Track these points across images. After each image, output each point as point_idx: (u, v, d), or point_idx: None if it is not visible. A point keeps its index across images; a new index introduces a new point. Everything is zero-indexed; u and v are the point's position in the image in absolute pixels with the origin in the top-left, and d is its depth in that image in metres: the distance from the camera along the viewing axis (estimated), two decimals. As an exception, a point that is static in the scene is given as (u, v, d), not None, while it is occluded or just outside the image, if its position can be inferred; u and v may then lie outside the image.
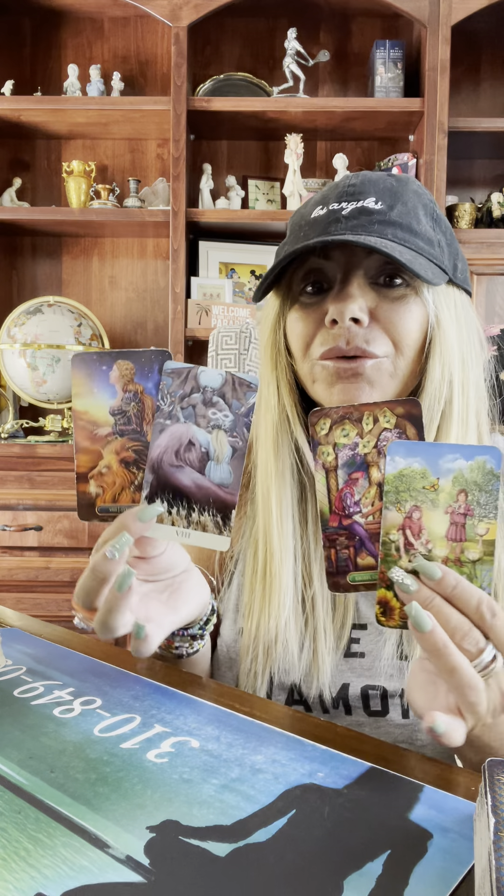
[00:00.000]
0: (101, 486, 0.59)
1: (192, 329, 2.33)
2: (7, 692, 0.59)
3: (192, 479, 0.57)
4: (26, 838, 0.40)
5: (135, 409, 0.58)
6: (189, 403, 0.57)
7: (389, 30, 2.53)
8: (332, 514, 0.55)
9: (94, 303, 2.62)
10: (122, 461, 0.59)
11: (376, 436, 0.55)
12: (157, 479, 0.57)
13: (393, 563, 0.52)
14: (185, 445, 0.57)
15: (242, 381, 0.57)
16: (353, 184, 0.71)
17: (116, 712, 0.56)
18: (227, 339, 1.16)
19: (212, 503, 0.57)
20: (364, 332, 0.68)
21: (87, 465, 0.58)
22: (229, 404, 0.57)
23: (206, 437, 0.57)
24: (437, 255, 0.69)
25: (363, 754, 0.50)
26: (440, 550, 0.52)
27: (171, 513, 0.57)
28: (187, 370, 0.57)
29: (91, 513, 0.59)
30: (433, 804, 0.45)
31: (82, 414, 0.58)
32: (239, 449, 0.57)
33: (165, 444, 0.57)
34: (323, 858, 0.39)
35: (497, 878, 0.32)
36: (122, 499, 0.59)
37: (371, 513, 0.55)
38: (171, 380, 0.57)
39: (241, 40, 2.56)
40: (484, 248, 2.32)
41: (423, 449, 0.52)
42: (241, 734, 0.53)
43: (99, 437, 0.58)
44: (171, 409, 0.57)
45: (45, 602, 2.08)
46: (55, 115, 2.38)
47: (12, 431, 2.33)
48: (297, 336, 0.72)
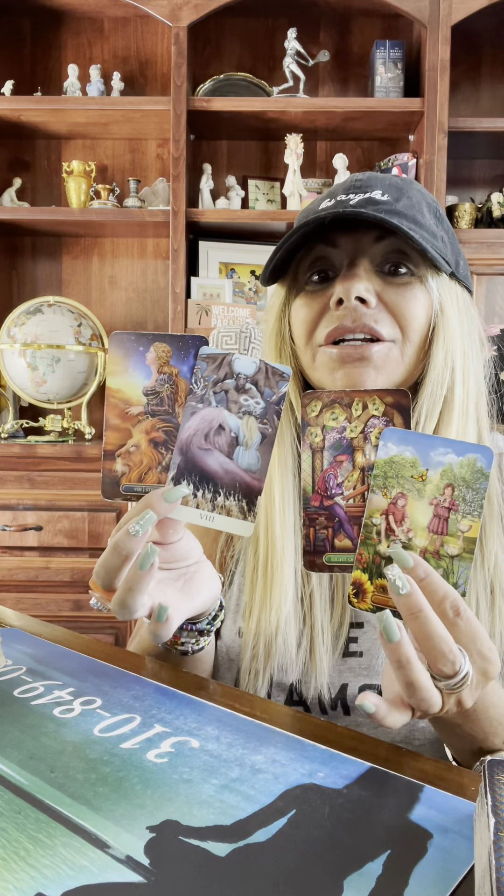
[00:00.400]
0: (128, 464, 0.59)
1: (192, 329, 2.33)
2: (7, 692, 0.59)
3: (220, 462, 0.57)
4: (26, 838, 0.40)
5: (168, 391, 0.58)
6: (222, 388, 0.58)
7: (389, 30, 2.53)
8: (314, 493, 0.56)
9: (94, 303, 2.62)
10: (152, 441, 0.59)
11: (364, 421, 0.56)
12: (185, 461, 0.58)
13: (372, 547, 0.53)
14: (216, 429, 0.58)
15: (275, 371, 0.58)
16: (359, 178, 0.72)
17: (116, 712, 0.56)
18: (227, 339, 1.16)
19: (238, 488, 0.57)
20: (371, 312, 0.68)
21: (116, 443, 0.58)
22: (261, 391, 0.58)
23: (236, 422, 0.58)
24: (441, 248, 0.70)
25: (363, 754, 0.50)
26: (420, 540, 0.52)
27: (197, 495, 0.57)
28: (222, 356, 0.58)
29: (115, 491, 0.59)
30: (433, 804, 0.45)
31: (115, 392, 0.58)
32: (268, 436, 0.58)
33: (196, 427, 0.58)
34: (323, 858, 0.39)
35: (497, 878, 0.32)
36: (148, 479, 0.59)
37: (352, 496, 0.55)
38: (205, 364, 0.58)
39: (241, 40, 2.56)
40: (484, 248, 2.32)
41: (416, 439, 0.53)
42: (241, 734, 0.53)
43: (130, 415, 0.58)
44: (203, 393, 0.58)
45: (45, 602, 2.08)
46: (55, 115, 2.38)
47: (12, 431, 2.33)
48: (300, 321, 0.72)
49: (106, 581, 0.56)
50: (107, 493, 0.59)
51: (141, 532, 0.54)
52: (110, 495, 0.59)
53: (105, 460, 0.58)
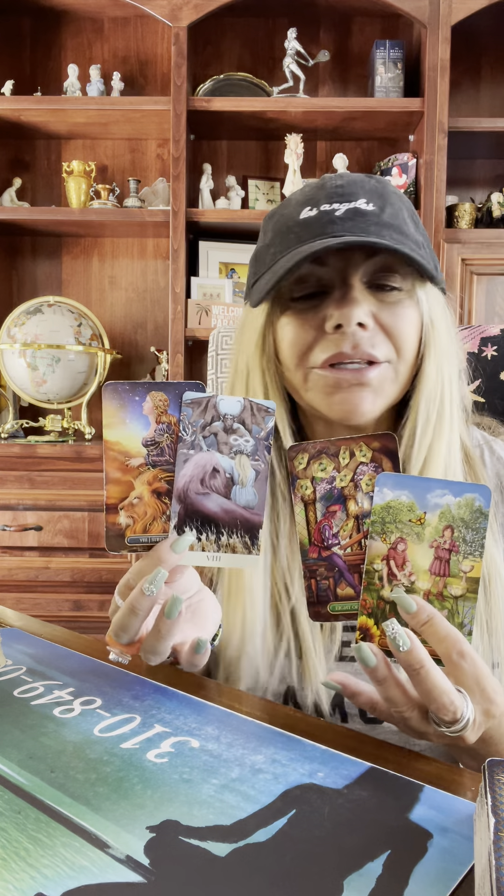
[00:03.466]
0: (132, 516, 0.59)
1: (192, 329, 2.33)
2: (7, 692, 0.59)
3: (219, 504, 0.59)
4: (26, 838, 0.40)
5: (168, 441, 0.59)
6: (210, 432, 0.58)
7: (389, 30, 2.53)
8: (311, 545, 0.57)
9: (94, 303, 2.62)
10: (155, 492, 0.59)
11: (353, 469, 0.56)
12: (185, 508, 0.58)
13: (376, 592, 0.53)
14: (210, 472, 0.58)
15: (260, 407, 0.59)
16: (340, 185, 0.70)
17: (116, 712, 0.56)
18: (227, 340, 1.16)
19: (239, 525, 0.59)
20: (369, 335, 0.67)
21: (118, 497, 0.58)
22: (249, 429, 0.59)
23: (229, 462, 0.59)
24: (427, 256, 0.70)
25: (363, 754, 0.50)
26: (423, 583, 0.53)
27: (201, 539, 0.59)
28: (206, 399, 0.58)
29: (121, 544, 0.59)
30: (433, 804, 0.45)
31: (114, 444, 0.58)
32: (261, 471, 0.59)
33: (191, 474, 0.58)
34: (323, 858, 0.39)
35: (497, 878, 0.32)
36: (153, 529, 0.59)
37: (349, 544, 0.56)
38: (191, 410, 0.58)
39: (241, 40, 2.56)
40: (484, 248, 2.32)
41: (412, 482, 0.53)
42: (241, 734, 0.53)
43: (130, 467, 0.58)
44: (193, 439, 0.58)
45: (45, 602, 2.08)
46: (55, 115, 2.38)
47: (12, 431, 2.33)
48: (290, 343, 0.70)
49: (126, 639, 0.59)
50: (112, 547, 0.59)
51: (155, 591, 0.56)
52: (116, 548, 0.59)
53: (108, 514, 0.58)
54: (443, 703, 0.49)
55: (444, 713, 0.49)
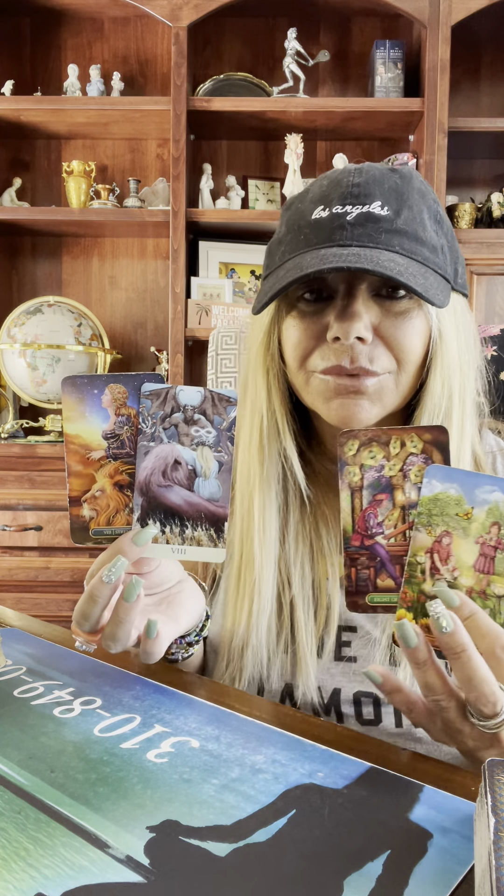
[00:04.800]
0: (95, 509, 0.59)
1: (192, 329, 2.33)
2: (7, 692, 0.59)
3: (182, 496, 0.58)
4: (26, 838, 0.40)
5: (128, 433, 0.59)
6: (171, 423, 0.58)
7: (389, 30, 2.53)
8: (354, 533, 0.56)
9: (94, 303, 2.62)
10: (116, 484, 0.59)
11: (402, 459, 0.55)
12: (147, 501, 0.58)
13: (417, 585, 0.52)
14: (172, 465, 0.58)
15: (222, 397, 0.58)
16: (357, 183, 0.67)
17: (116, 712, 0.56)
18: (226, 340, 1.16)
19: (204, 518, 0.59)
20: (368, 349, 0.66)
21: (80, 489, 0.59)
22: (211, 420, 0.58)
23: (191, 454, 0.58)
24: (441, 264, 0.68)
25: (363, 754, 0.50)
26: (466, 580, 0.52)
27: (165, 532, 0.58)
28: (165, 391, 0.58)
29: (85, 536, 0.59)
30: (433, 804, 0.45)
31: (74, 438, 0.58)
32: (225, 463, 0.59)
33: (152, 466, 0.58)
34: (323, 858, 0.39)
35: (497, 878, 0.32)
36: (116, 521, 0.59)
37: (393, 535, 0.55)
38: (150, 402, 0.58)
39: (241, 40, 2.56)
40: (484, 248, 2.32)
41: (461, 476, 0.52)
42: (241, 734, 0.53)
43: (92, 460, 0.59)
44: (153, 431, 0.58)
45: (45, 602, 2.08)
46: (55, 115, 2.38)
47: (12, 431, 2.33)
48: (293, 346, 0.70)
49: (87, 627, 0.58)
50: (77, 539, 0.59)
51: (114, 578, 0.56)
52: (80, 540, 0.59)
53: (71, 506, 0.59)
54: (483, 692, 0.48)
55: (483, 703, 0.48)
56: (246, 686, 0.72)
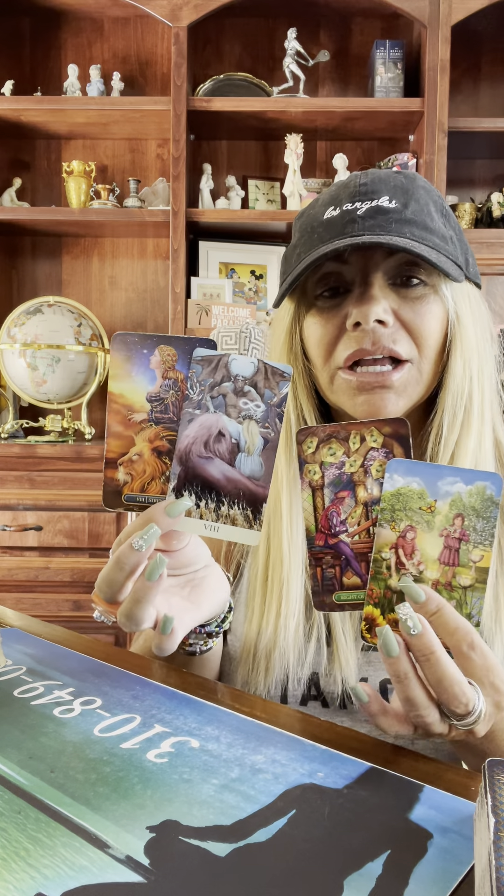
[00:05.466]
0: (130, 473, 0.56)
1: (192, 329, 2.32)
2: (7, 692, 0.59)
3: (222, 471, 0.55)
4: (26, 838, 0.40)
5: (173, 398, 0.56)
6: (219, 392, 0.55)
7: (389, 30, 2.53)
8: (318, 532, 0.55)
9: (94, 303, 2.62)
10: (155, 450, 0.56)
11: (363, 455, 0.54)
12: (186, 471, 0.55)
13: (383, 581, 0.52)
14: (215, 436, 0.55)
15: (275, 370, 0.55)
16: (363, 183, 0.70)
17: (116, 712, 0.56)
18: (227, 339, 1.15)
19: (242, 496, 0.55)
20: (389, 332, 0.67)
21: (118, 451, 0.56)
22: (261, 394, 0.55)
23: (236, 427, 0.55)
24: (452, 252, 0.69)
25: (363, 754, 0.50)
26: (431, 573, 0.52)
27: (200, 506, 0.55)
28: (218, 357, 0.55)
29: (117, 500, 0.56)
30: (433, 804, 0.45)
31: (118, 397, 0.55)
32: (271, 440, 0.55)
33: (194, 435, 0.55)
34: (323, 858, 0.39)
35: (497, 878, 0.32)
36: (150, 489, 0.56)
37: (357, 531, 0.54)
38: (200, 367, 0.55)
39: (241, 40, 2.56)
40: (484, 248, 2.32)
41: (422, 469, 0.52)
42: (241, 734, 0.53)
43: (133, 422, 0.56)
44: (200, 398, 0.55)
45: (45, 602, 2.08)
46: (55, 115, 2.38)
47: (12, 431, 2.32)
48: (316, 342, 0.71)
49: (109, 595, 0.55)
50: (108, 503, 0.56)
51: (145, 547, 0.53)
52: (112, 504, 0.56)
53: (107, 468, 0.56)
54: (454, 693, 0.48)
55: (455, 705, 0.49)
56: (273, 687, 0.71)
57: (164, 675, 0.65)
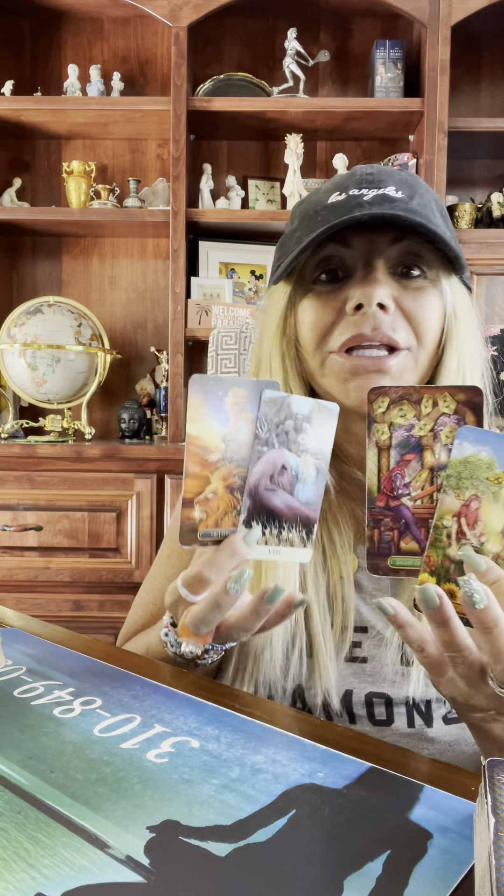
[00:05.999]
0: (206, 511, 0.59)
1: (192, 329, 2.33)
2: (7, 692, 0.59)
3: (284, 500, 0.59)
4: (26, 838, 0.40)
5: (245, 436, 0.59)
6: (283, 430, 0.59)
7: (389, 30, 2.53)
8: (379, 493, 0.54)
9: (94, 303, 2.62)
10: (228, 487, 0.59)
11: (434, 419, 0.53)
12: (254, 504, 0.59)
13: (442, 550, 0.51)
14: (279, 470, 0.59)
15: (325, 407, 0.60)
16: (370, 173, 0.70)
17: (116, 712, 0.56)
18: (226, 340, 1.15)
19: (299, 521, 0.60)
20: (390, 318, 0.67)
21: (196, 491, 0.58)
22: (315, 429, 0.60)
23: (296, 460, 0.59)
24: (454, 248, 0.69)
25: (363, 754, 0.50)
26: (493, 546, 0.50)
27: (265, 534, 0.59)
28: (282, 399, 0.59)
29: (193, 538, 0.59)
30: (433, 804, 0.45)
31: (195, 439, 0.58)
32: (321, 470, 0.60)
33: (262, 470, 0.59)
34: (323, 858, 0.39)
35: (497, 878, 0.32)
36: (223, 523, 0.60)
37: (420, 496, 0.53)
38: (269, 408, 0.58)
39: (241, 40, 2.56)
40: (484, 248, 2.32)
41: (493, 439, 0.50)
42: (241, 734, 0.53)
43: (209, 462, 0.58)
44: (268, 437, 0.59)
45: (45, 602, 2.08)
46: (55, 115, 2.38)
47: (12, 431, 2.33)
48: (310, 325, 0.70)
49: (205, 631, 0.59)
50: (184, 540, 0.59)
51: (239, 591, 0.56)
52: (188, 542, 0.59)
53: (184, 508, 0.58)
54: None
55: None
56: (253, 690, 0.71)
57: (164, 675, 0.65)
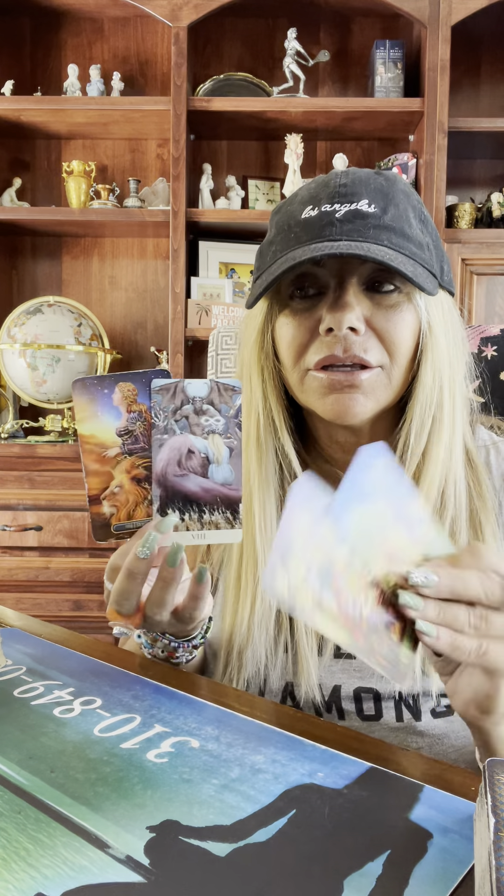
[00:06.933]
0: (115, 505, 0.61)
1: (192, 329, 2.33)
2: (7, 692, 0.59)
3: (198, 484, 0.61)
4: (26, 838, 0.40)
5: (141, 428, 0.61)
6: (182, 415, 0.61)
7: (389, 30, 2.53)
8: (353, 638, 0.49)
9: (94, 303, 2.62)
10: (134, 479, 0.61)
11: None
12: (166, 491, 0.60)
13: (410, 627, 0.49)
14: (186, 454, 0.61)
15: (226, 386, 0.61)
16: (343, 184, 0.69)
17: (116, 712, 0.56)
18: (226, 340, 1.16)
19: (219, 502, 0.61)
20: (361, 340, 0.67)
21: (99, 487, 0.60)
22: (218, 409, 0.61)
23: (203, 443, 0.61)
24: (428, 260, 0.69)
25: (363, 754, 0.50)
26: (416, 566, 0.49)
27: (185, 519, 0.61)
28: (174, 385, 0.60)
29: (107, 532, 0.61)
30: (433, 804, 0.45)
31: (89, 438, 0.60)
32: (235, 448, 0.61)
33: (167, 458, 0.60)
34: (323, 858, 0.39)
35: (497, 878, 0.32)
36: (136, 515, 0.62)
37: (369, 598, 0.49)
38: (160, 396, 0.60)
39: (241, 40, 2.56)
40: (484, 248, 2.32)
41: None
42: (241, 734, 0.53)
43: (108, 458, 0.60)
44: (166, 424, 0.60)
45: (45, 602, 2.08)
46: (55, 115, 2.38)
47: (12, 431, 2.33)
48: (287, 343, 0.71)
49: (128, 607, 0.60)
50: (99, 536, 0.61)
51: (149, 552, 0.58)
52: (103, 537, 0.61)
53: (91, 505, 0.60)
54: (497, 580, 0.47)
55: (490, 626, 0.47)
56: (244, 687, 0.72)
57: (164, 675, 0.65)
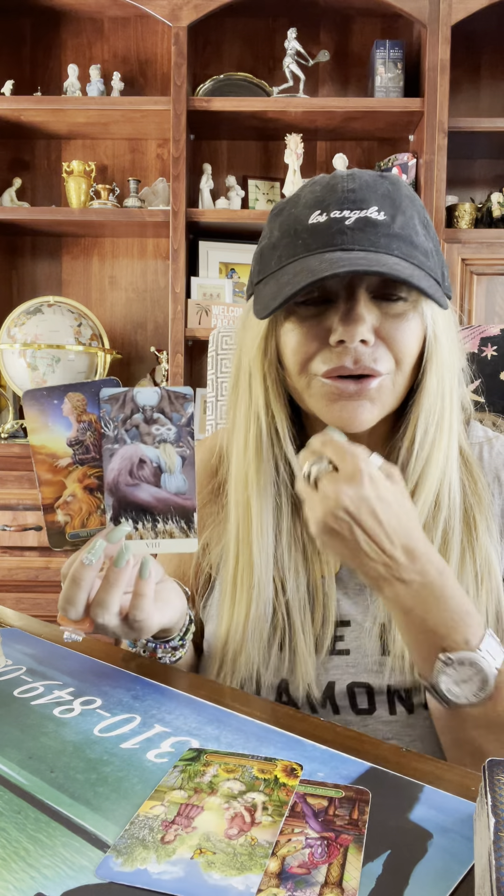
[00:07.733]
0: (69, 513, 0.62)
1: (192, 329, 2.33)
2: (7, 692, 0.60)
3: (151, 493, 0.61)
4: (26, 838, 0.40)
5: (91, 438, 0.61)
6: (132, 424, 0.61)
7: (389, 30, 2.53)
8: None
9: (94, 303, 2.62)
10: (86, 488, 0.62)
11: None
12: (118, 501, 0.61)
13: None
14: (137, 464, 0.61)
15: (177, 394, 0.61)
16: (351, 189, 0.67)
17: (116, 712, 0.56)
18: (226, 340, 1.16)
19: (173, 511, 0.62)
20: (370, 350, 0.67)
21: (52, 496, 0.61)
22: (170, 418, 0.61)
23: (154, 452, 0.61)
24: (433, 268, 0.69)
25: (363, 754, 0.50)
26: None
27: (138, 528, 0.61)
28: (123, 394, 0.60)
29: (62, 540, 0.62)
30: (433, 804, 0.45)
31: (40, 448, 0.61)
32: (188, 457, 0.61)
33: (118, 467, 0.61)
34: (323, 858, 0.39)
35: (497, 878, 0.32)
36: (90, 523, 0.62)
37: None
38: (110, 406, 0.60)
39: (241, 40, 2.56)
40: (484, 248, 2.32)
41: None
42: (241, 734, 0.53)
43: (60, 468, 0.61)
44: (116, 434, 0.61)
45: (45, 602, 2.08)
46: (55, 115, 2.38)
47: (12, 431, 2.32)
48: (293, 350, 0.70)
49: (74, 612, 0.61)
50: (54, 544, 0.62)
51: (94, 560, 0.59)
52: (58, 544, 0.62)
53: (46, 514, 0.61)
54: None
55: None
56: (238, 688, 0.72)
57: (164, 675, 0.65)
